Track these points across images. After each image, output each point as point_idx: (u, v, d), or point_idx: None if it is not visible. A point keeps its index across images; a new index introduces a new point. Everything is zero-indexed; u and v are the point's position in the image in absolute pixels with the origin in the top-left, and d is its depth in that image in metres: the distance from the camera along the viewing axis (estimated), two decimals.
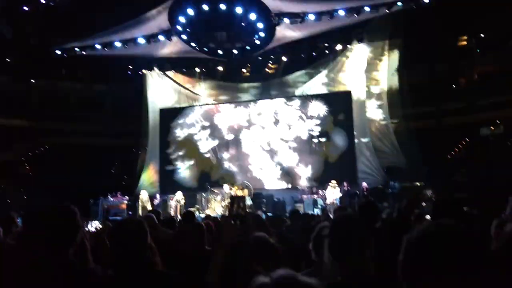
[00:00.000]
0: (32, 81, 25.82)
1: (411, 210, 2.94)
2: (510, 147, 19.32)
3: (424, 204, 11.11)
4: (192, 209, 14.54)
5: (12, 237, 3.77)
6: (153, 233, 2.64)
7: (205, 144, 20.02)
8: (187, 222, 5.18)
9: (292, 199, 16.82)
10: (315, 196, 16.09)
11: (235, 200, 15.20)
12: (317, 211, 14.23)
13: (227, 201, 15.30)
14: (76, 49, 17.81)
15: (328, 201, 15.32)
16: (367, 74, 18.81)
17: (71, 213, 2.19)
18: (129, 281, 2.10)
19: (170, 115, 20.86)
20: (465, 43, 23.51)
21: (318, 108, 18.75)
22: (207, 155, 19.92)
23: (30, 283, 2.06)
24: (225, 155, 19.68)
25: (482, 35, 22.77)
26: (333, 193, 15.39)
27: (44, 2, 15.98)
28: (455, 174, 17.68)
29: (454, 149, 20.51)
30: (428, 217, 5.13)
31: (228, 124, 19.87)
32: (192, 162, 20.10)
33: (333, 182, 15.61)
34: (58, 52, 17.98)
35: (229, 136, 19.76)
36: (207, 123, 20.19)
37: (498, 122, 20.90)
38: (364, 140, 18.24)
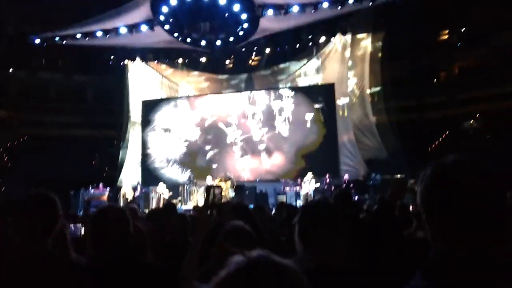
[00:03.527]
0: (11, 70, 25.29)
1: (396, 200, 2.93)
2: (489, 140, 19.65)
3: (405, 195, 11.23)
4: (174, 201, 14.45)
5: None
6: (135, 224, 2.59)
7: (187, 136, 19.88)
8: (168, 213, 5.10)
9: (274, 191, 16.80)
10: (298, 188, 16.10)
11: (210, 190, 15.00)
12: (300, 203, 14.26)
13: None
14: (56, 38, 17.44)
15: (303, 193, 15.37)
16: (350, 66, 18.88)
17: (50, 201, 2.13)
18: (110, 271, 2.05)
19: (152, 107, 20.63)
20: (446, 37, 23.77)
21: (301, 100, 18.75)
22: (189, 147, 19.80)
23: (5, 273, 2.00)
24: (207, 147, 19.58)
25: (462, 30, 23.06)
26: (308, 186, 15.45)
27: None
28: None
29: (435, 142, 20.78)
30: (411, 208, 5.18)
31: (211, 115, 19.75)
32: (174, 154, 19.95)
33: (309, 174, 15.65)
34: (37, 41, 17.59)
35: (212, 128, 19.65)
36: (189, 115, 20.04)
37: (478, 115, 21.26)
38: (346, 132, 18.31)
